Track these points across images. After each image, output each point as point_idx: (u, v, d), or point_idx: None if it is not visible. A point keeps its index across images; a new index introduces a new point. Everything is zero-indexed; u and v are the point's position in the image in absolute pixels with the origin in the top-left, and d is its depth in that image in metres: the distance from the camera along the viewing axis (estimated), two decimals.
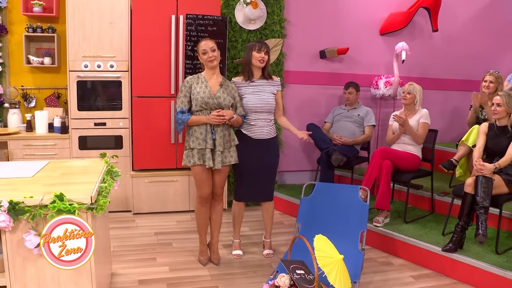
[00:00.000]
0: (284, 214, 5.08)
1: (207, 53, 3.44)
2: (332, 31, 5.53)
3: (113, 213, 4.76)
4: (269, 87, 3.70)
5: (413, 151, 4.37)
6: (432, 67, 6.07)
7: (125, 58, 4.65)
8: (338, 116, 5.18)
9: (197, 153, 3.46)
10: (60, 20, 4.90)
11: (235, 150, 3.61)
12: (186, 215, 4.83)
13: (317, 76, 5.56)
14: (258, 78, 3.70)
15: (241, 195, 3.84)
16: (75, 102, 4.60)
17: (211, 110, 3.44)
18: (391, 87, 5.46)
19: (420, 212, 4.59)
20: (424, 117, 4.39)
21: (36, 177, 2.76)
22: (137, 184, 4.78)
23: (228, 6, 4.97)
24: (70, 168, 3.05)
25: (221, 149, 3.47)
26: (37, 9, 4.73)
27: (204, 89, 3.44)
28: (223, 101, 3.46)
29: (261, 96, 3.65)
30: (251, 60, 3.64)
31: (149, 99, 4.67)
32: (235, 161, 3.60)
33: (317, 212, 3.65)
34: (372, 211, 4.39)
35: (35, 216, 2.26)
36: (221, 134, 3.47)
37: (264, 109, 3.66)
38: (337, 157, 4.53)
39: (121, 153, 4.73)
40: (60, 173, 2.90)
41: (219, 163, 3.47)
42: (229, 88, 3.55)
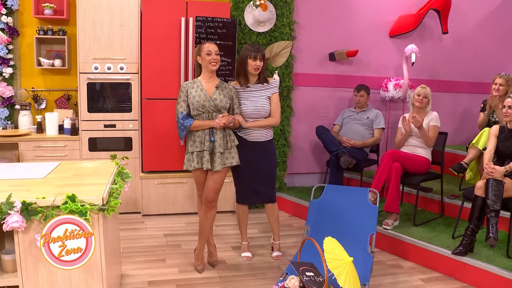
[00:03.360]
0: (293, 217, 5.08)
1: (212, 55, 3.41)
2: (342, 33, 5.53)
3: (122, 215, 4.79)
4: (264, 92, 3.65)
5: (423, 154, 4.36)
6: (442, 69, 6.05)
7: (135, 60, 4.68)
8: (348, 118, 5.17)
9: (196, 156, 3.43)
10: (71, 22, 4.95)
11: (236, 152, 3.55)
12: (195, 217, 4.84)
13: (326, 78, 5.56)
14: (254, 83, 3.66)
15: (242, 198, 3.82)
16: (85, 104, 4.64)
17: (209, 113, 3.42)
18: (401, 89, 5.45)
19: (429, 215, 4.57)
20: (434, 120, 4.38)
21: (48, 178, 2.79)
22: (147, 186, 4.80)
23: (237, 8, 4.98)
24: (81, 170, 3.08)
25: (221, 150, 3.43)
26: (48, 12, 4.78)
27: (199, 92, 3.41)
28: (219, 103, 3.43)
29: (256, 102, 3.61)
30: (246, 66, 3.60)
31: (158, 101, 4.69)
32: (236, 162, 3.53)
33: (326, 214, 3.64)
34: (382, 214, 4.38)
35: (47, 216, 2.28)
36: (221, 135, 3.43)
37: (259, 115, 3.64)
38: (346, 160, 4.53)
39: (130, 155, 4.75)
40: (72, 174, 2.92)
41: (219, 164, 3.41)
42: (226, 90, 3.51)
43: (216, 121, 3.37)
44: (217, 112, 3.44)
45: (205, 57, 3.42)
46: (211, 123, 3.39)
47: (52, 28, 4.83)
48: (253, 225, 4.61)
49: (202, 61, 3.45)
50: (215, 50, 3.42)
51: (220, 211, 4.95)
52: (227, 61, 4.76)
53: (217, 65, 3.46)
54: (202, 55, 3.44)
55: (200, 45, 3.47)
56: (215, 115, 3.44)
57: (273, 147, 3.79)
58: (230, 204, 5.03)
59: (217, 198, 3.54)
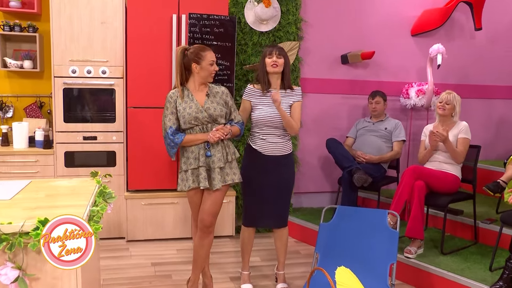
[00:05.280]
0: (300, 242, 5.05)
1: (214, 65, 3.43)
2: (356, 32, 5.54)
3: (104, 241, 4.76)
4: (286, 99, 3.68)
5: (450, 171, 4.33)
6: (474, 72, 6.05)
7: (120, 63, 4.69)
8: (362, 130, 5.17)
9: (191, 174, 3.41)
10: (43, 17, 4.95)
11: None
12: (188, 243, 4.81)
13: (338, 84, 5.56)
14: (275, 88, 3.69)
15: (250, 220, 3.82)
16: (61, 113, 4.63)
17: (203, 124, 3.40)
18: (424, 96, 5.44)
19: (460, 242, 4.54)
20: (463, 132, 4.35)
21: (15, 199, 2.74)
22: (132, 207, 4.78)
23: (237, 4, 5.00)
24: (55, 189, 3.03)
25: (221, 165, 3.40)
26: (14, 4, 4.72)
27: (190, 103, 3.39)
28: (213, 112, 3.41)
29: (275, 109, 3.60)
30: (265, 68, 3.64)
31: (146, 110, 4.69)
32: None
33: (338, 240, 3.62)
34: (403, 240, 4.35)
35: (13, 245, 2.22)
36: (218, 147, 3.41)
37: (277, 124, 3.64)
38: (361, 177, 4.52)
39: (114, 172, 4.74)
40: (44, 194, 2.88)
41: (219, 181, 3.38)
42: (218, 95, 3.50)
43: (210, 135, 3.35)
44: (212, 123, 3.43)
45: (207, 68, 3.40)
46: (205, 136, 3.37)
47: (20, 23, 4.79)
48: (254, 252, 4.57)
49: (200, 70, 3.41)
50: (215, 61, 3.46)
51: (218, 235, 4.91)
52: (225, 65, 4.77)
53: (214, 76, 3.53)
54: (202, 65, 3.39)
55: (198, 51, 3.41)
56: (210, 126, 3.42)
57: (292, 162, 3.82)
58: (229, 227, 5.01)
59: (215, 222, 3.51)
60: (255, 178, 3.67)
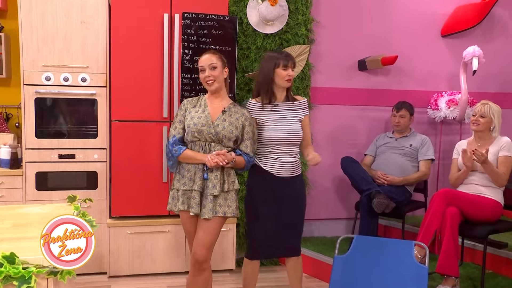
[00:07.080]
0: (311, 277, 5.01)
1: (205, 72, 3.46)
2: (375, 34, 5.57)
3: (82, 277, 4.71)
4: (295, 113, 3.71)
5: (490, 195, 4.29)
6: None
7: (102, 70, 4.68)
8: (383, 147, 5.18)
9: (182, 195, 3.44)
10: (10, 14, 4.95)
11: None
12: (181, 278, 4.77)
13: (355, 94, 5.58)
14: (282, 100, 3.71)
15: (256, 251, 3.79)
16: (32, 127, 4.61)
17: (206, 141, 3.43)
18: (457, 107, 5.44)
19: (505, 281, 4.50)
20: (505, 149, 4.31)
21: None
22: (116, 237, 4.74)
23: (238, 2, 5.02)
24: (24, 217, 3.03)
25: (215, 193, 3.40)
26: None
27: (200, 114, 3.45)
28: (221, 131, 3.42)
29: (287, 125, 3.64)
30: (273, 78, 3.64)
31: (133, 124, 4.68)
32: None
33: (356, 276, 3.61)
34: (434, 277, 4.31)
35: None
36: (217, 173, 3.41)
37: (290, 141, 3.65)
38: (382, 202, 4.53)
39: (95, 195, 4.70)
40: (11, 224, 2.87)
41: (209, 210, 3.39)
42: (235, 116, 3.52)
43: (208, 157, 3.35)
44: (216, 143, 3.44)
45: (200, 75, 3.51)
46: (204, 158, 3.38)
47: None
48: None
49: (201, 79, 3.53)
50: (209, 64, 3.46)
51: (216, 269, 4.86)
52: None
53: (214, 84, 3.50)
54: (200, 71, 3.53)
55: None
56: (213, 146, 3.43)
57: (303, 182, 3.87)
58: (229, 260, 4.98)
59: (210, 256, 3.51)
60: (265, 203, 3.66)
